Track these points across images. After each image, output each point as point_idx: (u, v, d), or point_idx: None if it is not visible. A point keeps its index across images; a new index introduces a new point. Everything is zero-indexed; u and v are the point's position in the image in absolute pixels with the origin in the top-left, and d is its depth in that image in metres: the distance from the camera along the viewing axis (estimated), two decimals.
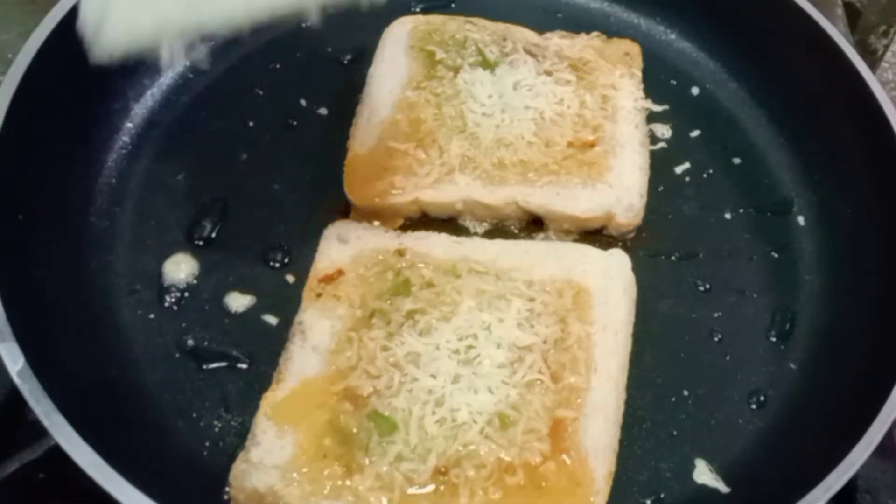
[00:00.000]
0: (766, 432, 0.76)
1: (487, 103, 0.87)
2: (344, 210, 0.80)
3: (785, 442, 0.75)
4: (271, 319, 0.78)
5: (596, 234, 0.85)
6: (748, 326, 0.82)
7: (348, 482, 0.65)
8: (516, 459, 0.66)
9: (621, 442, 0.71)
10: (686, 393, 0.77)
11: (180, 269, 0.81)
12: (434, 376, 0.69)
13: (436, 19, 0.95)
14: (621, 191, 0.84)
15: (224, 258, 0.82)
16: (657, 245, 0.86)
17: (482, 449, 0.66)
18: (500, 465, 0.66)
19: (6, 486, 0.67)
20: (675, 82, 0.99)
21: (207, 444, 0.72)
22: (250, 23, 0.66)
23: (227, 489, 0.67)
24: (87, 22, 0.64)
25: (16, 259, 0.71)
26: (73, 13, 0.83)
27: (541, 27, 0.95)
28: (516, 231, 0.85)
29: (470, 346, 0.71)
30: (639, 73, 0.94)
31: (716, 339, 0.81)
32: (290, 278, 0.80)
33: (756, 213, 0.90)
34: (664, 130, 0.94)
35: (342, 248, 0.78)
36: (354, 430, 0.67)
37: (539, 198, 0.82)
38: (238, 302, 0.79)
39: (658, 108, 0.94)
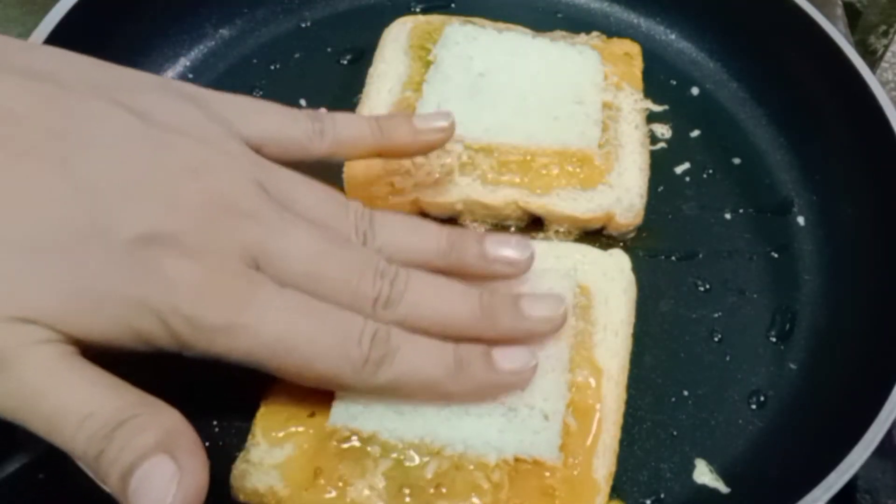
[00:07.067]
0: (766, 432, 0.76)
1: None
2: None
3: (785, 442, 0.75)
4: None
5: (596, 235, 0.85)
6: (748, 326, 0.82)
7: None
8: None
9: (621, 442, 0.71)
10: (686, 393, 0.77)
11: None
12: None
13: (436, 19, 0.95)
14: (621, 191, 0.84)
15: None
16: (657, 245, 0.86)
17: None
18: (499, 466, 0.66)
19: (6, 486, 0.67)
20: (675, 82, 0.99)
21: (207, 444, 0.71)
22: None
23: (227, 489, 0.67)
24: None
25: None
26: (73, 13, 0.83)
27: (540, 27, 0.95)
28: (516, 231, 0.85)
29: None
30: (639, 73, 0.94)
31: (716, 339, 0.81)
32: None
33: (756, 213, 0.90)
34: (664, 130, 0.94)
35: None
36: None
37: (539, 198, 0.82)
38: None
39: (658, 108, 0.94)
